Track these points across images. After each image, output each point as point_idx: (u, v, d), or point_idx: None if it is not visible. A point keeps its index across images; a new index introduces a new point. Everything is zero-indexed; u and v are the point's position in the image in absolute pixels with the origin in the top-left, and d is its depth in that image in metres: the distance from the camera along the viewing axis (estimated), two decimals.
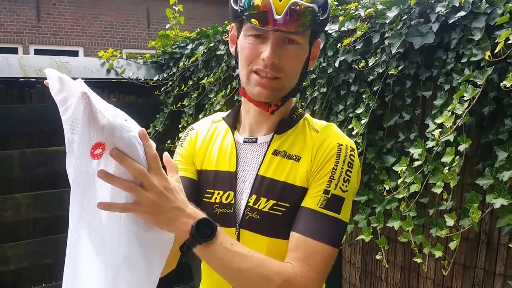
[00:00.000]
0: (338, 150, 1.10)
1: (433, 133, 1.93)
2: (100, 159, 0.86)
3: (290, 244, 1.06)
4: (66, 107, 0.86)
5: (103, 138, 0.85)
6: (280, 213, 1.10)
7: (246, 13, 1.04)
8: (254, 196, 1.13)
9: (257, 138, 1.19)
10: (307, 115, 1.23)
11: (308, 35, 1.10)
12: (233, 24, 1.18)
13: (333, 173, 1.08)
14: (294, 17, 1.02)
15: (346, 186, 1.08)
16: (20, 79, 3.46)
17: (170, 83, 3.85)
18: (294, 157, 1.13)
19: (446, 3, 2.00)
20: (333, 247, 1.06)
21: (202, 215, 0.95)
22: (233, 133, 1.22)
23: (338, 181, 1.08)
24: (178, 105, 3.68)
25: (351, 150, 1.12)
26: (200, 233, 0.93)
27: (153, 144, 0.90)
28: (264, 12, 1.02)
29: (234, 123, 1.24)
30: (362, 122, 2.31)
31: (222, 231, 0.97)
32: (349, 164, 1.10)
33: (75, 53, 11.83)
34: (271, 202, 1.11)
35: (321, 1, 1.07)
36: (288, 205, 1.10)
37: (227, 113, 1.29)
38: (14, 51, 11.18)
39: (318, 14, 1.06)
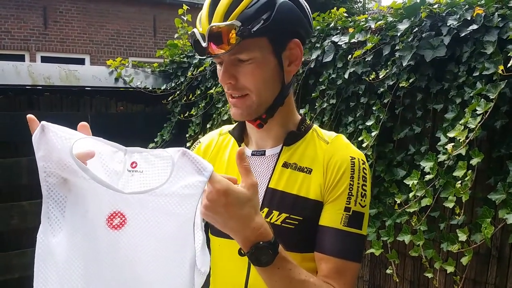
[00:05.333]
0: (351, 164, 1.09)
1: (445, 147, 1.92)
2: (121, 228, 0.83)
3: (321, 265, 1.06)
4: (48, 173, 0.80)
5: (119, 207, 0.82)
6: (293, 226, 1.09)
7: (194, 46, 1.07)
8: (266, 209, 1.11)
9: (265, 151, 1.18)
10: (315, 126, 1.22)
11: (264, 45, 1.04)
12: None
13: (350, 189, 1.07)
14: (217, 40, 0.99)
15: (364, 201, 1.09)
16: (26, 87, 3.47)
17: (178, 92, 3.85)
18: (306, 170, 1.12)
19: (458, 17, 2.00)
20: (359, 263, 1.08)
21: (264, 237, 0.92)
22: (240, 146, 1.22)
23: (356, 197, 1.07)
24: (186, 115, 3.69)
25: (363, 163, 1.12)
26: (256, 260, 0.91)
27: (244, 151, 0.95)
28: (198, 43, 1.03)
29: (240, 136, 1.23)
30: (372, 134, 2.30)
31: (283, 254, 0.95)
32: (363, 178, 1.10)
33: (81, 61, 11.90)
34: (284, 215, 1.09)
35: (251, 11, 0.99)
36: (301, 218, 1.09)
37: (233, 126, 1.28)
38: (21, 58, 11.26)
39: (243, 27, 0.98)
